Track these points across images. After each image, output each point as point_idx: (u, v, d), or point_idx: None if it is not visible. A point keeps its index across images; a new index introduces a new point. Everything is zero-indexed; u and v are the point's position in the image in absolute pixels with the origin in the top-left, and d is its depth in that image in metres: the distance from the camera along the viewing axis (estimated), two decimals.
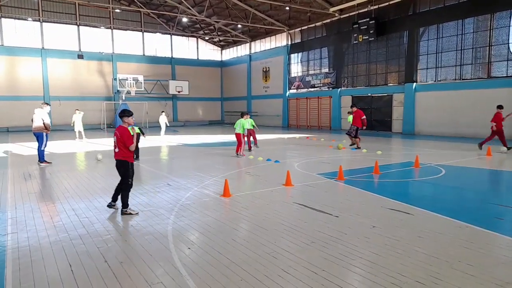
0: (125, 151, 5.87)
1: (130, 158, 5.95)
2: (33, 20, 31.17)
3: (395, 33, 23.38)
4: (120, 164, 5.94)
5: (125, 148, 5.84)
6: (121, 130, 5.85)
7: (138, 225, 5.35)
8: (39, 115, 11.14)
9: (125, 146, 5.82)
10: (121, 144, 5.83)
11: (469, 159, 11.61)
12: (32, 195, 7.37)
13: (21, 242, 4.72)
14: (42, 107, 11.35)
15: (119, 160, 5.92)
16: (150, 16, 36.17)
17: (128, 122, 5.99)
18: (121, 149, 5.86)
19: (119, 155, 5.90)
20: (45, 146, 11.35)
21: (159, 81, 36.46)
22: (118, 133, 5.83)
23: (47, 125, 11.20)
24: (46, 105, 11.48)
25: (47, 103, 11.61)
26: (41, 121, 11.08)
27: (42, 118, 11.11)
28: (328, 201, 6.59)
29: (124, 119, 5.96)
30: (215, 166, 10.86)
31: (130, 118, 5.99)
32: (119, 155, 5.91)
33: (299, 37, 31.19)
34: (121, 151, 5.87)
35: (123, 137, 5.79)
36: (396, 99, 23.69)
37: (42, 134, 11.16)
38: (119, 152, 5.89)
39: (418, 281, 3.52)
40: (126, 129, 5.88)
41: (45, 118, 11.18)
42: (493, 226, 5.22)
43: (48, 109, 11.53)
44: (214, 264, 3.96)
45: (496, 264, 3.91)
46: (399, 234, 4.83)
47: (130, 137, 5.83)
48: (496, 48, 18.77)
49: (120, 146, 5.85)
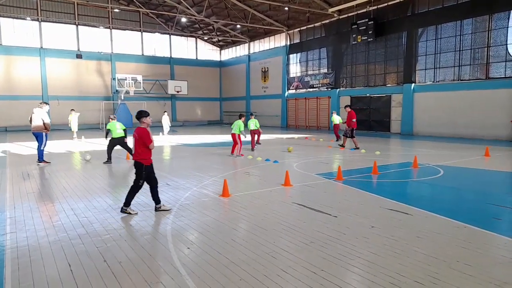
0: (142, 153, 5.86)
1: (146, 160, 5.91)
2: (31, 20, 31.12)
3: (393, 33, 23.43)
4: (136, 165, 5.97)
5: (143, 149, 5.85)
6: (140, 131, 5.84)
7: (137, 225, 5.36)
8: (38, 114, 11.08)
9: (145, 146, 5.82)
10: (140, 144, 5.83)
11: (467, 160, 11.65)
12: (31, 195, 7.36)
13: (20, 241, 4.72)
14: (41, 107, 11.28)
15: (135, 161, 5.94)
16: (149, 16, 36.15)
17: (146, 123, 6.00)
18: (137, 150, 5.87)
19: (136, 156, 5.91)
20: (44, 146, 11.30)
21: (158, 81, 36.43)
22: (137, 134, 5.83)
23: (47, 125, 11.15)
24: (45, 105, 11.41)
25: (46, 103, 11.55)
26: (41, 121, 11.02)
27: (42, 118, 11.05)
28: (327, 201, 6.60)
29: (142, 120, 5.97)
30: (214, 166, 10.87)
31: (148, 118, 6.02)
32: (135, 156, 5.92)
33: (298, 37, 31.23)
34: (137, 152, 5.87)
35: (143, 138, 5.79)
36: (395, 100, 23.74)
37: (42, 134, 11.11)
38: (135, 153, 5.90)
39: (417, 281, 3.54)
40: (145, 129, 5.88)
41: (45, 118, 11.12)
42: (491, 226, 5.24)
43: (47, 109, 11.48)
44: (213, 264, 3.97)
45: (494, 264, 3.93)
46: (397, 234, 4.84)
47: (150, 136, 5.85)
48: (494, 49, 18.83)
49: (137, 147, 5.85)
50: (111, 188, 7.92)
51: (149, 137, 5.85)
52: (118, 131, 11.71)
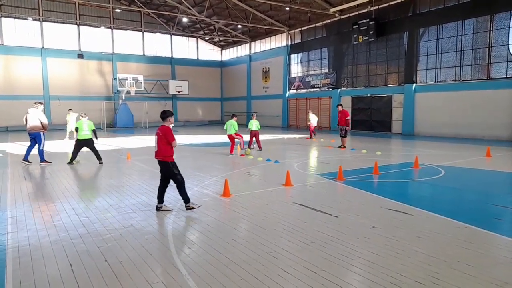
0: (165, 150, 5.95)
1: (170, 157, 6.00)
2: (33, 20, 31.17)
3: (395, 33, 23.41)
4: (162, 165, 6.06)
5: (167, 147, 5.94)
6: (164, 129, 5.99)
7: (138, 225, 5.36)
8: (34, 114, 10.88)
9: (168, 143, 5.92)
10: (163, 142, 5.93)
11: (468, 160, 11.63)
12: (32, 195, 7.38)
13: (21, 241, 4.73)
14: (36, 107, 11.03)
15: (160, 161, 6.04)
16: (150, 16, 36.18)
17: (171, 122, 6.16)
18: (160, 148, 5.96)
19: (159, 154, 5.99)
20: (43, 146, 11.24)
21: (159, 81, 36.46)
22: (161, 131, 5.96)
23: (45, 124, 10.99)
24: (40, 104, 11.15)
25: (40, 102, 11.28)
26: (38, 121, 10.84)
27: (39, 118, 10.89)
28: (328, 201, 6.60)
29: (169, 119, 6.12)
30: (215, 166, 10.87)
31: (172, 118, 6.21)
32: (159, 154, 6.00)
33: (299, 37, 31.21)
34: (160, 150, 5.96)
35: (167, 135, 5.91)
36: (396, 100, 23.71)
37: (40, 134, 11.00)
38: (159, 152, 5.98)
39: (418, 281, 3.53)
40: (168, 127, 6.03)
41: (42, 118, 10.96)
42: (492, 226, 5.23)
43: (42, 108, 11.22)
44: (214, 264, 3.97)
45: (494, 264, 3.93)
46: (398, 234, 4.84)
47: (172, 134, 5.99)
48: (495, 49, 18.80)
49: (160, 145, 5.95)
50: (112, 188, 7.93)
51: (172, 134, 5.98)
52: (84, 133, 11.21)
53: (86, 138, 11.28)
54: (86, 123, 11.30)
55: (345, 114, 14.95)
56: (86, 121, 11.37)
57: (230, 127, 13.15)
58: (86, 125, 11.26)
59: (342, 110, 15.16)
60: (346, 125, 14.80)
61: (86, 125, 11.26)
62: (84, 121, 11.31)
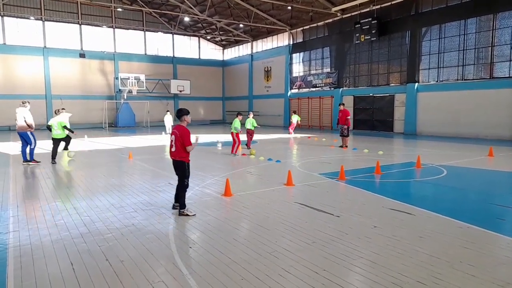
0: (182, 151, 5.73)
1: (187, 158, 5.80)
2: (35, 19, 31.24)
3: (397, 33, 23.35)
4: (177, 164, 5.83)
5: (183, 148, 5.71)
6: (182, 130, 5.72)
7: (140, 224, 5.36)
8: (21, 114, 10.67)
9: (183, 145, 5.69)
10: (180, 143, 5.69)
11: (471, 160, 11.59)
12: (33, 194, 7.39)
13: (23, 240, 4.74)
14: (24, 106, 10.81)
15: (176, 160, 5.81)
16: (152, 15, 36.20)
17: (186, 121, 5.89)
18: (178, 148, 5.72)
19: (176, 155, 5.76)
20: (35, 145, 10.99)
21: (160, 80, 36.49)
22: (178, 132, 5.69)
23: (30, 124, 10.71)
24: (28, 103, 10.93)
25: (28, 101, 11.07)
26: (23, 120, 10.60)
27: (24, 116, 10.64)
28: (329, 201, 6.59)
29: (183, 118, 5.87)
30: (216, 165, 10.87)
31: (188, 117, 5.93)
32: (175, 155, 5.77)
33: (301, 36, 31.18)
34: (178, 150, 5.73)
35: (184, 137, 5.66)
36: (398, 99, 23.65)
37: (27, 134, 10.74)
38: (176, 152, 5.75)
39: (419, 281, 3.52)
40: (187, 129, 5.76)
41: (27, 117, 10.68)
42: (494, 226, 5.21)
43: (29, 107, 10.97)
44: (215, 263, 3.97)
45: (497, 265, 3.91)
46: (400, 234, 4.82)
47: (189, 137, 5.74)
48: (498, 49, 18.72)
49: (178, 145, 5.71)
50: (113, 187, 7.94)
51: (190, 138, 5.72)
52: (56, 132, 11.16)
53: (58, 137, 11.34)
54: (56, 121, 11.24)
55: (346, 114, 15.12)
56: (57, 117, 11.24)
57: (233, 125, 13.36)
58: (56, 124, 11.23)
59: (343, 109, 15.25)
60: (346, 124, 14.88)
61: (56, 124, 11.23)
62: (55, 118, 11.19)
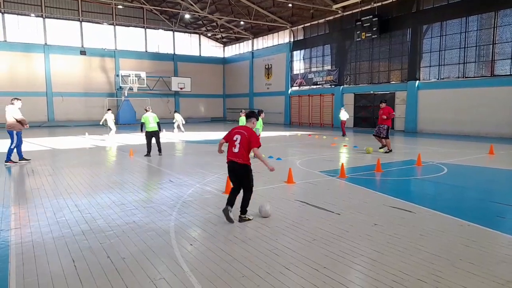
0: (247, 154, 5.28)
1: (249, 160, 5.35)
2: (35, 16, 31.21)
3: (398, 30, 23.30)
4: (240, 168, 5.26)
5: (248, 151, 5.29)
6: (249, 130, 5.30)
7: (141, 222, 5.37)
8: (9, 112, 10.39)
9: (249, 148, 5.25)
10: (247, 144, 5.22)
11: (471, 158, 11.59)
12: (35, 191, 7.40)
13: (24, 237, 4.75)
14: (13, 103, 10.54)
15: (239, 164, 5.24)
16: (152, 12, 36.14)
17: (253, 124, 5.52)
18: (243, 151, 5.22)
19: (239, 157, 5.23)
20: (15, 146, 10.56)
21: (161, 77, 36.46)
22: (246, 132, 5.26)
23: (22, 120, 10.44)
24: (17, 100, 10.56)
25: (18, 98, 10.76)
26: (12, 118, 10.34)
27: (12, 114, 10.36)
28: (330, 199, 6.59)
29: (253, 121, 5.52)
30: (217, 163, 10.87)
31: (255, 120, 5.58)
32: (239, 157, 5.23)
33: (302, 34, 31.11)
34: (242, 153, 5.22)
35: (252, 138, 5.24)
36: (399, 97, 23.63)
37: (12, 132, 10.46)
38: (240, 154, 5.22)
39: (420, 279, 3.53)
40: (252, 130, 5.40)
41: (16, 115, 10.39)
42: (495, 224, 5.21)
43: (19, 105, 10.67)
44: (216, 261, 3.98)
45: (497, 263, 3.91)
46: (400, 232, 4.83)
47: (259, 139, 5.39)
48: (499, 46, 18.68)
49: (244, 147, 5.22)
50: (114, 185, 7.95)
51: (259, 140, 5.37)
52: (151, 125, 12.28)
53: (154, 129, 12.41)
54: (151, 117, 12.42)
55: (389, 111, 12.77)
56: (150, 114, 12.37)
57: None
58: (151, 118, 12.39)
59: (385, 106, 12.97)
60: (387, 124, 12.69)
61: (151, 118, 12.39)
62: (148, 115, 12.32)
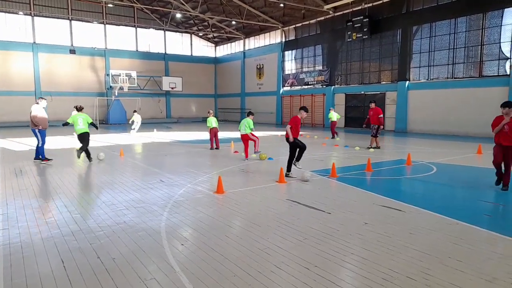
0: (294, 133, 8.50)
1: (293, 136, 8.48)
2: (24, 14, 30.76)
3: (388, 31, 23.50)
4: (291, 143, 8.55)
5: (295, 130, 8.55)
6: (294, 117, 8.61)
7: (131, 222, 5.34)
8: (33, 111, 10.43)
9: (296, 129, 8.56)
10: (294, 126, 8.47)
11: (460, 157, 11.75)
12: (23, 191, 7.30)
13: (13, 238, 4.69)
14: (38, 102, 10.63)
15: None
16: (143, 11, 35.89)
17: (302, 115, 8.59)
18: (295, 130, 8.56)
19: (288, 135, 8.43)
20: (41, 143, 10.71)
21: (152, 77, 36.23)
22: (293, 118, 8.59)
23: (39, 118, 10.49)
24: (42, 100, 10.72)
25: (43, 98, 10.87)
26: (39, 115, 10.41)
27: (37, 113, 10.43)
28: (321, 198, 6.63)
29: (302, 112, 8.65)
30: (208, 163, 10.85)
31: (304, 113, 8.65)
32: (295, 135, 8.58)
33: (293, 34, 31.20)
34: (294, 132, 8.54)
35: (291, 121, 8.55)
36: (389, 97, 23.84)
37: (35, 131, 10.57)
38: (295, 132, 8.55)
39: (409, 276, 3.57)
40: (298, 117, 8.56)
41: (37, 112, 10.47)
42: (483, 222, 5.30)
43: (44, 104, 10.75)
44: (207, 260, 3.98)
45: (484, 260, 3.98)
46: (390, 231, 4.88)
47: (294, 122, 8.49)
48: (488, 47, 18.97)
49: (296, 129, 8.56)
50: (105, 185, 7.89)
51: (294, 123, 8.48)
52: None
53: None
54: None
55: (378, 112, 13.68)
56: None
57: (245, 126, 11.42)
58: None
59: (374, 107, 13.83)
60: (379, 124, 13.59)
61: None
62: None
